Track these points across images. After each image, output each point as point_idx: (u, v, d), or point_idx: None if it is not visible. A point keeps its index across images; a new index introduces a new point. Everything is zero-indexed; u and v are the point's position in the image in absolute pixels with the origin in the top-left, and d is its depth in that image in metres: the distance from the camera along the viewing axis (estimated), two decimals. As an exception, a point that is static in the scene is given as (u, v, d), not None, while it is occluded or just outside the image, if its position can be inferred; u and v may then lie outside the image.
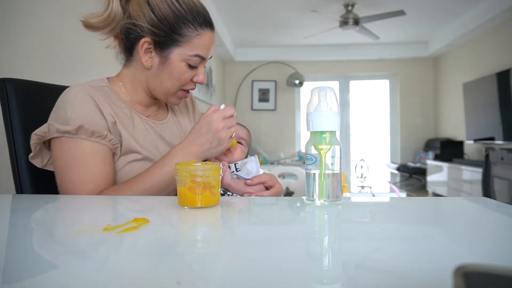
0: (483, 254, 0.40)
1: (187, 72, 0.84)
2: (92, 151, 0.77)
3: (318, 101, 0.62)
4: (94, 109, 0.79)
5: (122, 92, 0.89)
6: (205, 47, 0.83)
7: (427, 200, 0.73)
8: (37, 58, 1.52)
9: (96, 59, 1.85)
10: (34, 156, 0.79)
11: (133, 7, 0.81)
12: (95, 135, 0.76)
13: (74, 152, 0.76)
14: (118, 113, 0.84)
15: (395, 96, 5.94)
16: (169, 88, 0.86)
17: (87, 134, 0.76)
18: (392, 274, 0.33)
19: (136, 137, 0.84)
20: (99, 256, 0.39)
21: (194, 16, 0.81)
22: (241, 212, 0.65)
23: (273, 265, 0.36)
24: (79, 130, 0.75)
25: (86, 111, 0.78)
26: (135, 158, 0.83)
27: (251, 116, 5.93)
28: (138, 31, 0.81)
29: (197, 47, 0.82)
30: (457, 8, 4.10)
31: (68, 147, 0.76)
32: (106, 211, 0.65)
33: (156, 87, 0.86)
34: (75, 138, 0.76)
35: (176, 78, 0.84)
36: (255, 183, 0.83)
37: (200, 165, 0.63)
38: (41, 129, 0.76)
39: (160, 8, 0.79)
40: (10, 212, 0.63)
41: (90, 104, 0.79)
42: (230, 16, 4.33)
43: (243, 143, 0.94)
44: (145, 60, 0.83)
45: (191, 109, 1.07)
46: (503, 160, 3.11)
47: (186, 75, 0.84)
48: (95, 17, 0.82)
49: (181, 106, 1.04)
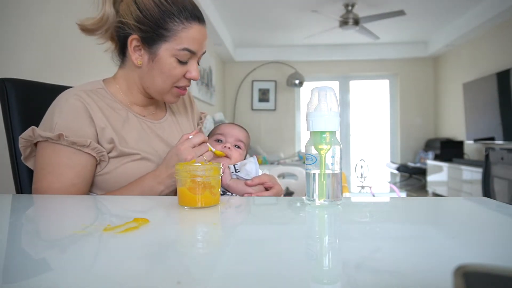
0: (483, 254, 0.40)
1: (177, 68, 0.83)
2: (69, 162, 0.77)
3: (318, 101, 0.62)
4: (82, 116, 0.79)
5: (119, 93, 0.89)
6: (194, 41, 0.82)
7: (427, 200, 0.73)
8: (37, 58, 1.52)
9: (96, 59, 1.85)
10: (26, 158, 0.81)
11: (122, 7, 0.82)
12: (77, 144, 0.77)
13: (53, 159, 0.77)
14: (112, 116, 0.84)
15: (395, 96, 5.94)
16: (162, 85, 0.85)
17: (68, 142, 0.76)
18: (392, 274, 0.33)
19: (130, 138, 0.84)
20: (99, 256, 0.39)
21: (180, 10, 0.80)
22: (241, 212, 0.65)
23: (273, 265, 0.36)
24: (60, 138, 0.76)
25: (73, 118, 0.78)
26: (132, 159, 0.83)
27: (251, 116, 5.93)
28: (126, 29, 0.82)
29: (185, 41, 0.81)
30: (457, 8, 4.10)
31: (49, 152, 0.77)
32: (106, 211, 0.65)
33: (149, 85, 0.86)
34: (57, 144, 0.77)
35: (167, 75, 0.83)
36: (255, 184, 0.83)
37: (200, 165, 0.63)
38: (26, 133, 0.77)
39: (145, 4, 0.80)
40: (10, 212, 0.63)
41: (79, 110, 0.79)
42: (230, 16, 4.33)
43: (241, 146, 0.94)
44: (135, 58, 0.84)
45: (189, 108, 1.06)
46: (503, 160, 3.11)
47: (176, 70, 0.83)
48: (89, 19, 0.83)
49: (179, 105, 1.04)
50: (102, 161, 0.81)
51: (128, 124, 0.86)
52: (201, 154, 0.78)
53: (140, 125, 0.88)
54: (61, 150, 0.77)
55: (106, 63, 0.95)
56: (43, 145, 0.78)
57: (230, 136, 0.94)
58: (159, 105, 0.98)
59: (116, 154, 0.81)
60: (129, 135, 0.84)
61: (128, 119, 0.87)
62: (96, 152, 0.79)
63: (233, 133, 0.94)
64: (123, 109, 0.87)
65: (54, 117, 0.78)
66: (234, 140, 0.93)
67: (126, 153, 0.82)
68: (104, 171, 0.81)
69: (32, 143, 0.79)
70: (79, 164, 0.78)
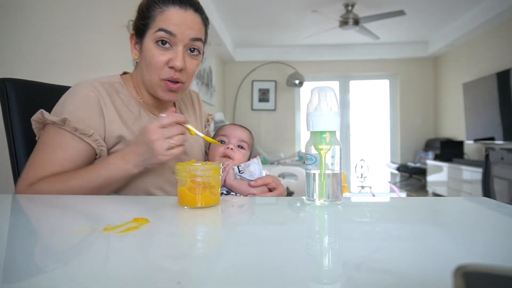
0: (483, 254, 0.40)
1: (157, 55, 0.81)
2: (65, 146, 0.78)
3: (318, 101, 0.62)
4: (92, 107, 0.81)
5: (133, 90, 0.91)
6: (171, 22, 0.80)
7: (427, 200, 0.73)
8: (37, 58, 1.52)
9: (96, 59, 1.85)
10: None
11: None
12: (79, 131, 0.78)
13: (53, 140, 0.79)
14: (124, 111, 0.85)
15: (395, 96, 5.94)
16: (149, 78, 0.84)
17: (70, 128, 0.77)
18: (392, 274, 0.33)
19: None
20: (99, 256, 0.39)
21: None
22: (241, 212, 0.65)
23: (273, 265, 0.36)
24: (64, 122, 0.77)
25: (83, 107, 0.80)
26: None
27: (251, 116, 5.93)
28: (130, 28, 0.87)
29: (161, 22, 0.80)
30: (457, 8, 4.10)
31: (50, 135, 0.79)
32: (106, 211, 0.65)
33: (144, 81, 0.87)
34: (61, 128, 0.78)
35: (150, 64, 0.82)
36: (259, 185, 0.84)
37: (200, 165, 0.63)
38: (36, 115, 0.80)
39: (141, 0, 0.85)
40: (10, 212, 0.63)
41: (90, 101, 0.81)
42: (230, 16, 4.33)
43: (244, 146, 0.94)
44: (134, 54, 0.87)
45: (198, 109, 1.07)
46: (503, 160, 3.11)
47: (156, 58, 0.81)
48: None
49: (188, 105, 1.05)
50: (101, 156, 0.81)
51: (140, 121, 0.87)
52: (169, 137, 0.74)
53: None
54: (62, 134, 0.78)
55: (107, 63, 0.95)
56: (49, 127, 0.80)
57: (233, 137, 0.94)
58: (168, 105, 0.98)
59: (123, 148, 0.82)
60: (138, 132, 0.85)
61: (140, 116, 0.88)
62: (96, 144, 0.79)
63: (236, 134, 0.94)
64: (136, 105, 0.88)
65: (66, 103, 0.80)
66: (237, 140, 0.94)
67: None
68: None
69: (43, 124, 0.81)
70: (74, 149, 0.79)
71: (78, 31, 0.85)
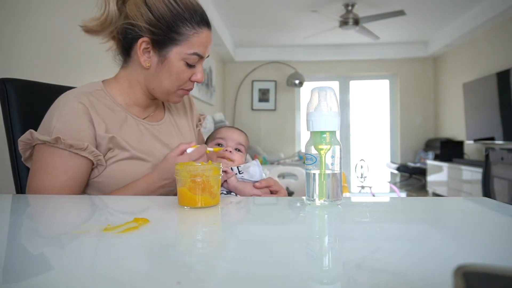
0: (483, 254, 0.40)
1: (185, 71, 0.84)
2: (64, 165, 0.77)
3: (318, 101, 0.62)
4: (81, 119, 0.79)
5: (118, 95, 0.89)
6: (203, 46, 0.84)
7: (427, 200, 0.73)
8: (37, 58, 1.52)
9: (97, 59, 1.85)
10: (26, 159, 0.82)
11: (130, 8, 0.81)
12: (74, 147, 0.76)
13: (48, 162, 0.77)
14: (110, 118, 0.84)
15: (395, 96, 5.94)
16: (168, 88, 0.86)
17: (65, 145, 0.76)
18: (392, 274, 0.33)
19: (128, 140, 0.84)
20: (99, 256, 0.39)
21: (191, 14, 0.81)
22: (241, 212, 0.65)
23: (273, 265, 0.36)
24: (58, 141, 0.76)
25: (71, 121, 0.78)
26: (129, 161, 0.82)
27: (251, 116, 5.93)
28: (136, 31, 0.81)
29: (195, 46, 0.82)
30: (457, 8, 4.10)
31: (45, 155, 0.77)
32: (106, 211, 0.65)
33: (155, 87, 0.87)
34: (54, 147, 0.77)
35: (175, 77, 0.84)
36: (263, 186, 0.85)
37: (200, 165, 0.63)
38: (25, 136, 0.78)
39: (157, 7, 0.80)
40: (10, 212, 0.63)
41: (78, 113, 0.79)
42: (230, 16, 4.33)
43: (242, 149, 0.96)
44: (143, 60, 0.83)
45: (188, 108, 1.06)
46: (503, 160, 3.11)
47: (184, 74, 0.85)
48: (93, 20, 0.82)
49: (179, 106, 1.04)
50: (99, 165, 0.81)
51: (126, 126, 0.86)
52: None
53: (138, 127, 0.88)
54: (58, 153, 0.77)
55: (107, 63, 0.94)
56: (40, 147, 0.78)
57: (231, 140, 0.96)
58: (158, 106, 0.98)
59: (113, 155, 0.81)
60: (126, 137, 0.84)
61: (126, 121, 0.87)
62: (93, 155, 0.79)
63: (234, 137, 0.97)
64: (121, 111, 0.87)
65: (52, 120, 0.78)
66: (235, 143, 0.96)
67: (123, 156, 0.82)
68: (102, 174, 0.81)
69: (31, 145, 0.79)
70: (73, 167, 0.78)
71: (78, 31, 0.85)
